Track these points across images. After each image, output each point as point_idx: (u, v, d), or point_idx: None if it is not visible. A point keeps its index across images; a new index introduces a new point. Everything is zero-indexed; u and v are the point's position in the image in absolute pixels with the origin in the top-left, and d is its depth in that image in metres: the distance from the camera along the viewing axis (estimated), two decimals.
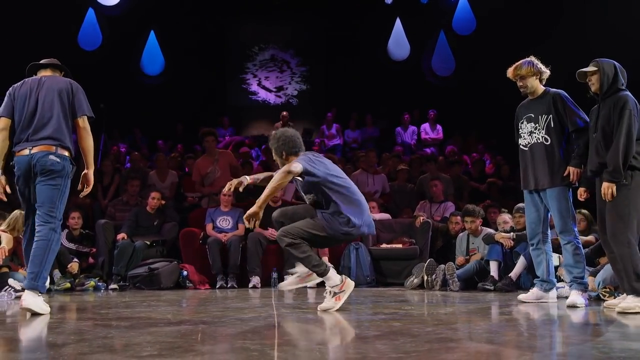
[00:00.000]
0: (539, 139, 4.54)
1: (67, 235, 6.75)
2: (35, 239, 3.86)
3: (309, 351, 2.59)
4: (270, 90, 14.43)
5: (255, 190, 8.50)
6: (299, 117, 13.24)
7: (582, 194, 4.37)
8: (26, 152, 3.92)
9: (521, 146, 4.67)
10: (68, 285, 6.13)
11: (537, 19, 10.57)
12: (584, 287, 4.43)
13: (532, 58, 4.60)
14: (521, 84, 4.60)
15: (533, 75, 4.54)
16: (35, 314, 3.78)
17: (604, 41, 9.00)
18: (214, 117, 12.57)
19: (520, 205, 6.04)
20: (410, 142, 11.37)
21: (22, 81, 4.17)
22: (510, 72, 4.62)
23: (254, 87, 14.45)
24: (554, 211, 4.50)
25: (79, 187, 4.17)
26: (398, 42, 12.87)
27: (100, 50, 11.97)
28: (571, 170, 4.39)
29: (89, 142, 4.04)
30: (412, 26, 12.93)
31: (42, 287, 3.88)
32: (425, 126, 11.41)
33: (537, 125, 4.55)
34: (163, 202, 7.13)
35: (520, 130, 4.69)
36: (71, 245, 6.71)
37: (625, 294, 4.05)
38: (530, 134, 4.58)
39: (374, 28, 12.98)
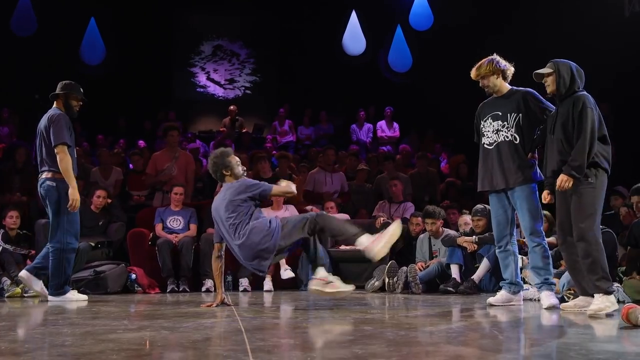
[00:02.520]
0: (508, 137, 4.41)
1: (3, 236, 6.29)
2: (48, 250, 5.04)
3: (284, 357, 2.50)
4: (220, 84, 13.96)
5: (204, 189, 8.25)
6: (249, 113, 12.89)
7: (546, 197, 4.31)
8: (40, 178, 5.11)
9: (485, 145, 4.53)
10: (19, 291, 5.63)
11: (493, 15, 10.67)
12: (552, 288, 4.46)
13: (495, 56, 4.48)
14: (483, 83, 4.49)
15: (494, 73, 4.42)
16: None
17: (556, 39, 9.18)
18: (160, 111, 12.05)
19: (479, 207, 6.01)
20: (366, 140, 11.21)
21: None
22: (472, 73, 4.51)
23: (203, 80, 13.94)
24: (523, 211, 4.41)
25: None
26: (353, 36, 12.68)
27: (35, 37, 11.32)
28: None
29: (62, 165, 4.99)
30: (368, 20, 12.79)
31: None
32: (382, 124, 11.26)
33: (505, 123, 4.43)
34: (109, 200, 6.77)
35: (483, 129, 4.56)
36: (7, 247, 6.22)
37: (580, 297, 4.10)
38: (497, 132, 4.45)
39: (329, 21, 12.77)
